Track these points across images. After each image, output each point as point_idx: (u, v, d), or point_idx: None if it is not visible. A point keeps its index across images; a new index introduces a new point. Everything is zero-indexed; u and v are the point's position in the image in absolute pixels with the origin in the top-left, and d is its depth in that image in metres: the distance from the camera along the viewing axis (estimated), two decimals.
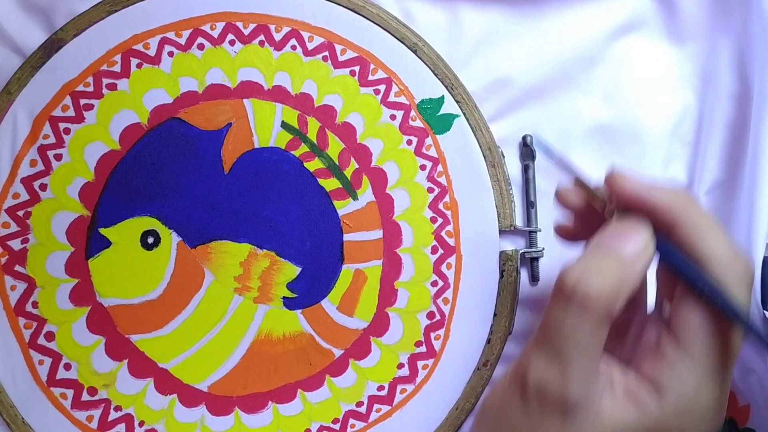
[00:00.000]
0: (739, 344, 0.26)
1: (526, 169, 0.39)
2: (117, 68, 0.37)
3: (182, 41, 0.37)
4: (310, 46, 0.38)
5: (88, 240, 0.37)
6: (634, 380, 0.26)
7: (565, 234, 0.34)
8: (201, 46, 0.37)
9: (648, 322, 0.29)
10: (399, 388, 0.37)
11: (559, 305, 0.26)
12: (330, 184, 0.38)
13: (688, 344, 0.25)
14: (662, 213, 0.27)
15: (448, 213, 0.38)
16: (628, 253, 0.26)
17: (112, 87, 0.37)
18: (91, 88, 0.37)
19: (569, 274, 0.26)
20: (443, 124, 0.38)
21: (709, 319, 0.25)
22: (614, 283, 0.25)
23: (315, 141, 0.38)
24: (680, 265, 0.26)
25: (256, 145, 0.38)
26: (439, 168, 0.38)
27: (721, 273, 0.25)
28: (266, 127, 0.38)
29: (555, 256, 0.38)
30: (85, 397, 0.37)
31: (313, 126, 0.38)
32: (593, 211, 0.31)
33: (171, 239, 0.37)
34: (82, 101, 0.37)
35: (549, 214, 0.38)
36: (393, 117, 0.38)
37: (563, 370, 0.25)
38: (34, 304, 0.37)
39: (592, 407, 0.25)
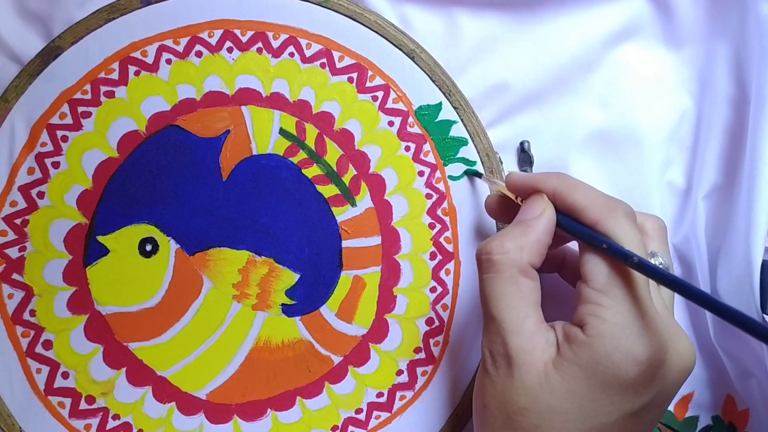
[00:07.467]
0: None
1: None
2: (115, 76, 0.37)
3: (180, 49, 0.37)
4: (308, 53, 0.38)
5: (86, 248, 0.37)
6: (568, 327, 0.29)
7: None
8: (199, 54, 0.37)
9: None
10: (398, 394, 0.37)
11: (479, 275, 0.31)
12: (328, 190, 0.38)
13: (593, 279, 0.29)
14: (544, 189, 0.31)
15: (447, 219, 0.38)
16: (525, 217, 0.31)
17: (110, 94, 0.37)
18: (88, 96, 0.37)
19: (478, 246, 0.31)
20: (441, 130, 0.38)
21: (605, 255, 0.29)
22: (514, 241, 0.30)
23: (313, 147, 0.38)
24: (564, 223, 0.31)
25: (255, 152, 0.38)
26: (437, 174, 0.38)
27: (596, 215, 0.29)
28: (264, 133, 0.38)
29: None
30: (83, 405, 0.37)
31: (311, 132, 0.38)
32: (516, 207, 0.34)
33: (169, 246, 0.37)
34: (80, 109, 0.37)
35: None
36: (391, 123, 0.38)
37: (498, 328, 0.29)
38: (32, 313, 0.37)
39: (533, 352, 0.29)
